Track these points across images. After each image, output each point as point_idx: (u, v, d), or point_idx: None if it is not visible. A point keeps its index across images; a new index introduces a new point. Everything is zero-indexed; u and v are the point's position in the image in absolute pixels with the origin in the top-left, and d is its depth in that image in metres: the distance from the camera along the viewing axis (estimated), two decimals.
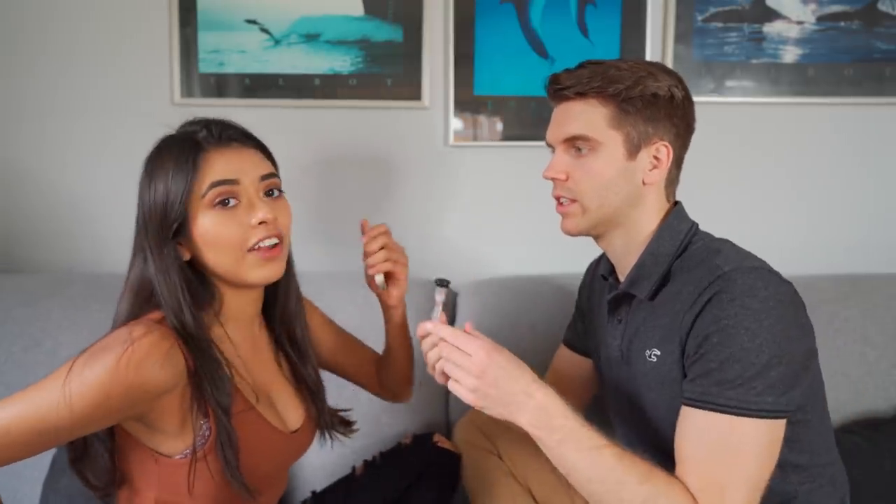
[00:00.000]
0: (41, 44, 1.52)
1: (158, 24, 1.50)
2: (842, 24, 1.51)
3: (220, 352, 0.84)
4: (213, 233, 0.82)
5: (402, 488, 1.09)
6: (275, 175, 0.88)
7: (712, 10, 1.51)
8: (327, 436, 1.02)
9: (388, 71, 1.51)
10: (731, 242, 0.92)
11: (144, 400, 0.76)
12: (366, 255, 0.99)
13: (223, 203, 0.82)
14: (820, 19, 1.51)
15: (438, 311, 0.92)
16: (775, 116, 1.55)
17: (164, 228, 0.81)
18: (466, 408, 1.26)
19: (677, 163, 0.95)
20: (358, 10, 1.50)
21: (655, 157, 0.92)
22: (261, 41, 1.50)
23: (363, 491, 1.11)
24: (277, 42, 1.50)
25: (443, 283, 0.95)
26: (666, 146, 0.92)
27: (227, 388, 0.82)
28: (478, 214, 1.57)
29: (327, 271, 1.49)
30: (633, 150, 0.90)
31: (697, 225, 0.96)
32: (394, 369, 1.12)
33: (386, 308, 1.07)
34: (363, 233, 1.00)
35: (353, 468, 1.17)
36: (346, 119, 1.54)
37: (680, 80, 0.93)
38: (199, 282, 0.85)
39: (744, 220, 1.58)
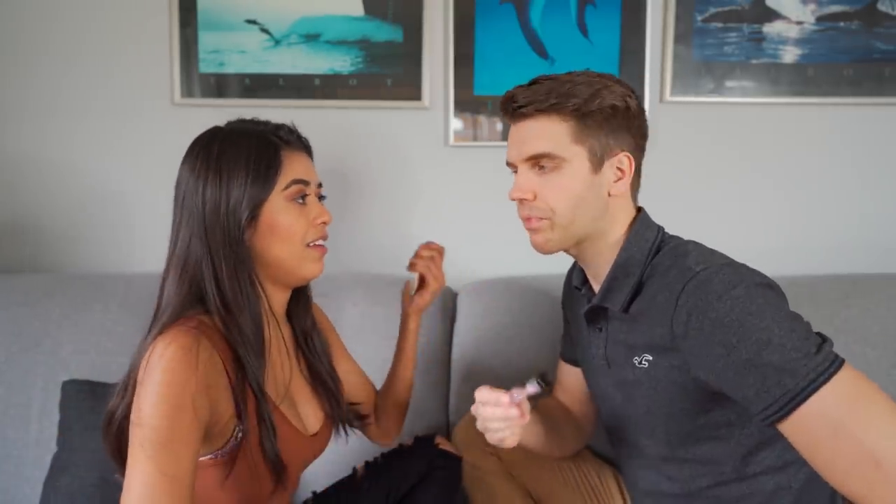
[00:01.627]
0: (42, 44, 1.52)
1: (158, 24, 1.50)
2: (841, 24, 1.51)
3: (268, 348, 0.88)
4: (286, 225, 0.87)
5: (404, 489, 1.08)
6: (321, 184, 0.96)
7: (712, 10, 1.51)
8: (343, 431, 1.04)
9: (388, 71, 1.51)
10: (696, 242, 0.91)
11: (209, 393, 0.78)
12: (416, 255, 1.11)
13: (298, 199, 0.89)
14: (819, 19, 1.51)
15: (523, 396, 0.87)
16: (775, 116, 1.55)
17: (237, 220, 0.84)
18: (467, 409, 1.27)
19: (637, 170, 0.95)
20: (358, 10, 1.50)
21: (619, 169, 0.91)
22: (261, 41, 1.50)
23: (364, 492, 1.10)
24: (278, 42, 1.50)
25: (545, 381, 0.86)
26: (628, 157, 0.91)
27: (263, 384, 0.85)
28: (478, 215, 1.57)
29: (327, 272, 1.48)
30: (597, 164, 0.90)
31: (663, 229, 0.95)
32: (391, 393, 1.15)
33: (404, 317, 1.15)
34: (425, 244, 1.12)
35: (355, 469, 1.17)
36: (346, 119, 1.54)
37: (632, 91, 0.92)
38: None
39: (744, 221, 1.58)
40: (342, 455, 1.25)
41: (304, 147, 0.94)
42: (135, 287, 1.40)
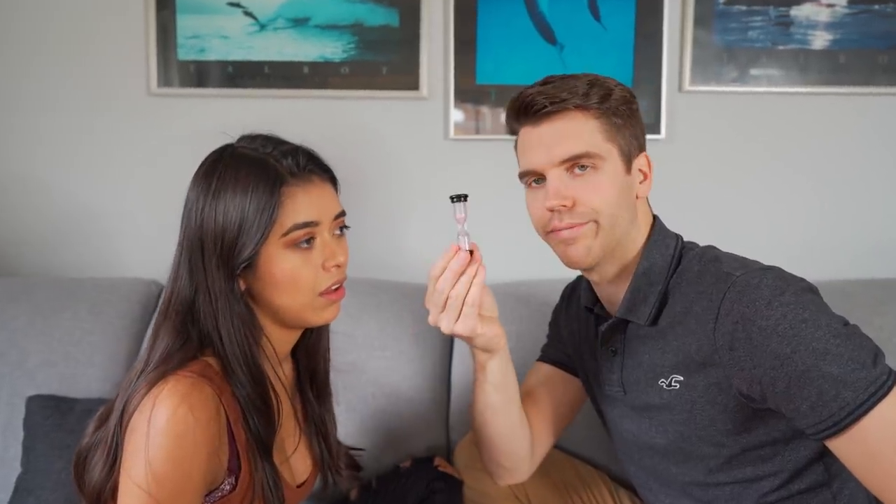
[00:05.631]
0: (4, 31, 1.47)
1: (133, 7, 1.47)
2: (876, 7, 1.47)
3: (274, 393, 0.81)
4: (289, 275, 0.78)
5: None
6: (344, 213, 0.86)
7: None
8: (332, 480, 0.96)
9: (383, 58, 1.48)
10: (718, 248, 0.90)
11: (216, 450, 0.73)
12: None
13: (301, 244, 0.79)
14: (852, 2, 1.47)
15: (461, 226, 0.89)
16: (804, 107, 1.51)
17: (232, 265, 0.76)
18: (468, 429, 1.23)
19: None
20: None
21: (640, 170, 0.90)
22: (244, 26, 1.47)
23: None
24: (263, 27, 1.47)
25: (460, 197, 0.88)
26: (646, 156, 0.90)
27: (273, 430, 0.79)
28: (480, 213, 1.50)
29: None
30: (627, 164, 0.87)
31: (681, 237, 0.93)
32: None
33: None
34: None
35: (348, 494, 1.13)
36: (337, 110, 1.50)
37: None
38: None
39: (768, 220, 1.53)
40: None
41: (323, 172, 0.84)
42: (106, 293, 1.36)
